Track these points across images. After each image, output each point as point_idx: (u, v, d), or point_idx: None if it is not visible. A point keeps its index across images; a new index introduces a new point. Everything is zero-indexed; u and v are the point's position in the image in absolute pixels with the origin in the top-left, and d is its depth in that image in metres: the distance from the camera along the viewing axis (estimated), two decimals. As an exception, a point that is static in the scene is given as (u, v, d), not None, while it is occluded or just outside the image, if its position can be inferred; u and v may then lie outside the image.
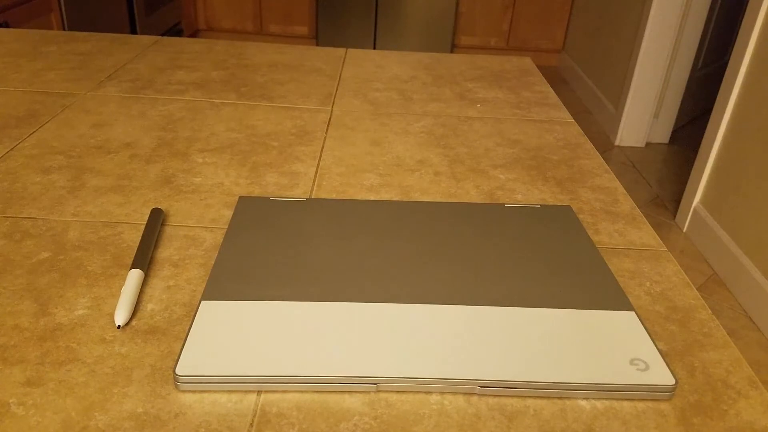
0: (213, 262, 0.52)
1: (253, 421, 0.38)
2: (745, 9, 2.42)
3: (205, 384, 0.39)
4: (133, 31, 3.01)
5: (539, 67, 4.00)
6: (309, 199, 0.59)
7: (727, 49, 3.15)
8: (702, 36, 2.86)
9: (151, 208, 0.59)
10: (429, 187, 0.66)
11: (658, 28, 2.75)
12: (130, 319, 0.45)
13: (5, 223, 0.55)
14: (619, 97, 3.03)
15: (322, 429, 0.37)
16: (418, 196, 0.64)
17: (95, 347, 0.42)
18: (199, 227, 0.57)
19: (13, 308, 0.45)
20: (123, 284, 0.48)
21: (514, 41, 3.95)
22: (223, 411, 0.38)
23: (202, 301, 0.45)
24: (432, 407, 0.39)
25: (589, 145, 0.78)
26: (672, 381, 0.40)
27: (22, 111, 0.78)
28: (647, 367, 0.41)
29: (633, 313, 0.46)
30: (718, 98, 2.16)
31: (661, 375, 0.41)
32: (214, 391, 0.40)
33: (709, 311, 0.49)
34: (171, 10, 3.46)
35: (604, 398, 0.40)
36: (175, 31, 3.55)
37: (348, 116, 0.82)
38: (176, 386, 0.39)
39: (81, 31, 2.53)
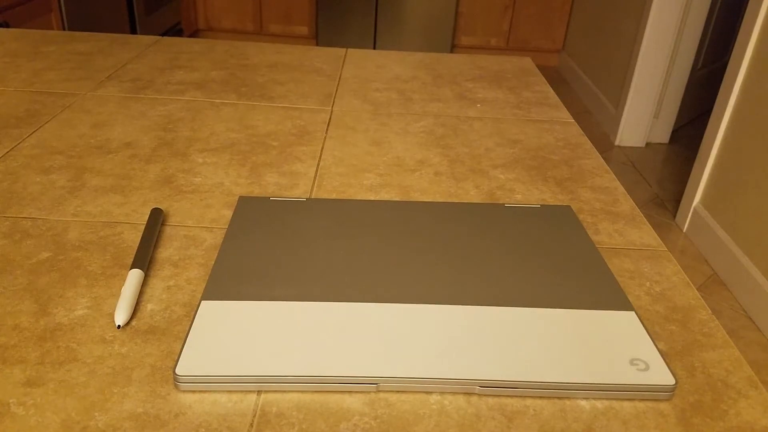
0: (213, 262, 0.52)
1: (253, 421, 0.38)
2: (745, 9, 2.42)
3: (205, 384, 0.39)
4: (133, 31, 3.01)
5: (539, 67, 4.00)
6: (309, 199, 0.59)
7: (727, 49, 3.15)
8: (702, 36, 2.86)
9: (151, 208, 0.59)
10: (429, 187, 0.66)
11: (658, 28, 2.75)
12: (130, 319, 0.45)
13: (5, 223, 0.55)
14: (619, 97, 3.03)
15: (322, 429, 0.37)
16: (418, 196, 0.64)
17: (95, 347, 0.42)
18: (199, 227, 0.57)
19: (13, 308, 0.45)
20: (123, 284, 0.48)
21: (514, 41, 3.95)
22: (223, 411, 0.38)
23: (202, 301, 0.45)
24: (432, 407, 0.39)
25: (589, 145, 0.78)
26: (672, 381, 0.40)
27: (22, 111, 0.78)
28: (647, 367, 0.41)
29: (633, 313, 0.46)
30: (718, 98, 2.16)
31: (661, 375, 0.41)
32: (214, 391, 0.40)
33: (709, 311, 0.49)
34: (171, 10, 3.46)
35: (604, 398, 0.40)
36: (175, 31, 3.55)
37: (348, 116, 0.82)
38: (176, 386, 0.39)
39: (81, 31, 2.53)
